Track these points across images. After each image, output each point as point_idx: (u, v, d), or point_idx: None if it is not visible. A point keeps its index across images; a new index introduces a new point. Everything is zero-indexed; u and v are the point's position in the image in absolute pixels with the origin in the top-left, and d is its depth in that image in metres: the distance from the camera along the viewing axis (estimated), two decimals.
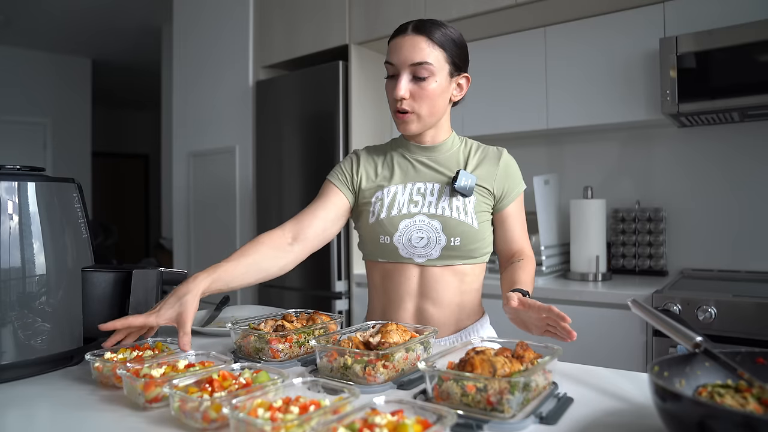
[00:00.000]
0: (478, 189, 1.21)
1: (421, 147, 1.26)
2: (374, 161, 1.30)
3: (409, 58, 1.14)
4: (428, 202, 1.20)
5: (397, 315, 1.23)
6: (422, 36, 1.15)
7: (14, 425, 0.77)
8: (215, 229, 3.36)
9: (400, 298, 1.23)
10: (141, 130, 8.08)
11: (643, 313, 0.84)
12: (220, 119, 3.34)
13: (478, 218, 1.19)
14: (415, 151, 1.26)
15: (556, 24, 2.36)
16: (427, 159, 1.25)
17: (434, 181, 1.22)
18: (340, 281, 2.65)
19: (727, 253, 2.24)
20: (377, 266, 1.26)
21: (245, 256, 1.13)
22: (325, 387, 0.77)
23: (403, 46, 1.15)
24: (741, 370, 0.68)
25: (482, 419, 0.70)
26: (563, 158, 2.63)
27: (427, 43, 1.14)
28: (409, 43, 1.15)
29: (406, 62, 1.15)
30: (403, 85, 1.15)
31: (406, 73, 1.15)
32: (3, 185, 0.94)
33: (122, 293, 1.07)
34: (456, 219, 1.17)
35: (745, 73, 1.84)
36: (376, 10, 2.63)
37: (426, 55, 1.14)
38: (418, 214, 1.19)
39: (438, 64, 1.15)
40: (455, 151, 1.26)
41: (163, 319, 0.97)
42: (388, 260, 1.23)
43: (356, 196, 1.28)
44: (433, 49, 1.15)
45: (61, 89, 5.74)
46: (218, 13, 3.36)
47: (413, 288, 1.22)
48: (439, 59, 1.15)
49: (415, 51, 1.14)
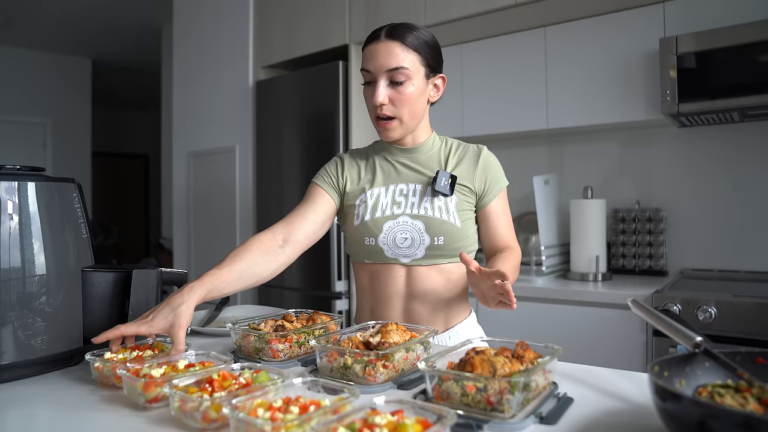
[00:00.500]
0: (458, 188, 1.22)
1: (402, 149, 1.28)
2: (357, 164, 1.31)
3: (385, 64, 1.16)
4: (411, 202, 1.22)
5: (386, 315, 1.25)
6: (396, 41, 1.16)
7: (14, 425, 0.77)
8: (215, 229, 3.36)
9: (387, 298, 1.24)
10: (141, 130, 8.08)
11: (643, 313, 0.84)
12: (220, 119, 3.34)
13: (460, 217, 1.21)
14: (397, 153, 1.28)
15: (556, 24, 2.36)
16: (408, 160, 1.27)
17: (416, 182, 1.24)
18: (340, 281, 2.65)
19: (727, 253, 2.24)
20: (364, 267, 1.28)
21: (237, 261, 1.13)
22: (325, 387, 0.77)
23: (378, 53, 1.17)
24: (741, 370, 0.68)
25: (482, 419, 0.70)
26: (563, 158, 2.63)
27: (401, 48, 1.16)
28: (383, 49, 1.16)
29: (382, 68, 1.16)
30: (381, 91, 1.16)
31: (383, 79, 1.17)
32: (3, 185, 0.94)
33: (122, 293, 1.07)
34: (438, 219, 1.19)
35: (745, 73, 1.84)
36: (376, 10, 2.63)
37: (401, 60, 1.15)
38: (402, 215, 1.21)
39: (413, 67, 1.17)
40: (436, 151, 1.27)
41: (155, 329, 0.95)
42: (374, 261, 1.24)
43: (342, 198, 1.29)
44: (408, 53, 1.16)
45: (61, 89, 5.74)
46: (218, 13, 3.36)
47: (400, 288, 1.23)
48: (414, 63, 1.17)
49: (390, 56, 1.15)
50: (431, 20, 2.43)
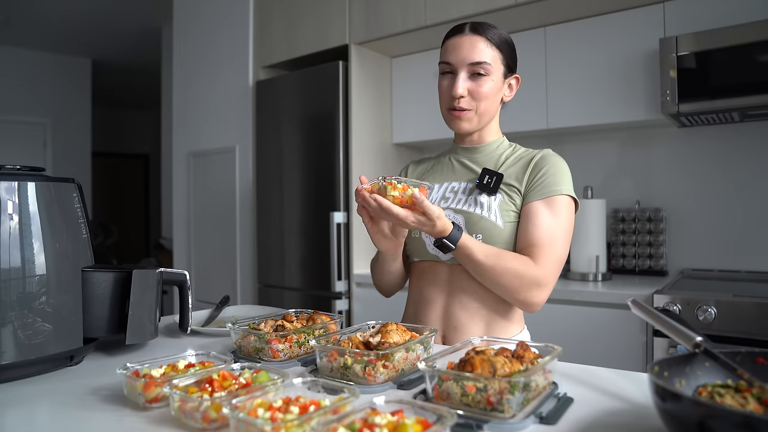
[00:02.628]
0: (506, 187, 1.18)
1: (466, 148, 1.28)
2: (422, 165, 1.36)
3: (468, 57, 1.16)
4: (458, 198, 1.21)
5: (426, 317, 1.22)
6: (480, 36, 1.17)
7: (14, 425, 0.77)
8: (215, 228, 3.36)
9: (430, 299, 1.22)
10: (141, 130, 8.08)
11: (643, 313, 0.84)
12: (220, 119, 3.34)
13: (503, 217, 1.15)
14: (460, 153, 1.29)
15: (556, 24, 2.36)
16: (468, 159, 1.27)
17: (469, 180, 1.23)
18: (340, 281, 2.65)
19: (727, 253, 2.24)
20: (414, 267, 1.29)
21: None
22: (325, 387, 0.77)
23: (461, 46, 1.17)
24: (741, 370, 0.68)
25: (482, 419, 0.70)
26: (563, 158, 2.62)
27: (486, 43, 1.17)
28: (467, 42, 1.17)
29: (464, 61, 1.17)
30: (462, 83, 1.17)
31: (463, 72, 1.17)
32: (3, 185, 0.94)
33: (122, 293, 1.07)
34: (478, 215, 1.16)
35: (745, 73, 1.84)
36: (376, 10, 2.63)
37: (484, 55, 1.16)
38: (446, 209, 1.20)
39: (495, 64, 1.18)
40: (498, 153, 1.26)
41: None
42: (420, 259, 1.25)
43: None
44: (491, 49, 1.17)
45: (62, 89, 5.74)
46: (218, 13, 3.36)
47: (442, 287, 1.21)
48: (495, 59, 1.18)
49: (474, 50, 1.16)
50: (431, 20, 2.43)
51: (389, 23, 2.58)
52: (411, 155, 3.07)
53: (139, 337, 1.08)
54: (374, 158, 2.82)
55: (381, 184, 1.04)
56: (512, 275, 1.09)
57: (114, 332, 1.06)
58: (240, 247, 3.18)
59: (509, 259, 1.11)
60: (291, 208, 2.89)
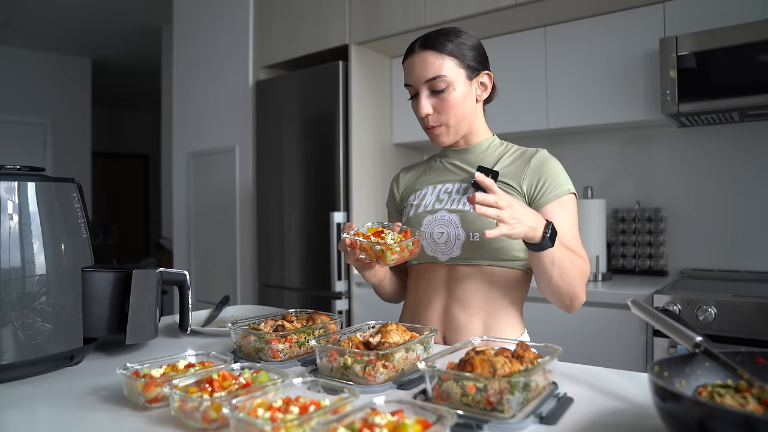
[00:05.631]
0: (503, 186, 1.17)
1: (456, 150, 1.28)
2: (412, 171, 1.37)
3: (422, 75, 1.16)
4: (452, 199, 1.21)
5: (425, 317, 1.22)
6: (429, 50, 1.16)
7: (14, 425, 0.77)
8: (215, 229, 3.36)
9: (428, 300, 1.22)
10: (141, 130, 8.08)
11: (643, 313, 0.84)
12: (220, 119, 3.34)
13: None
14: (450, 155, 1.29)
15: (556, 24, 2.36)
16: (460, 161, 1.27)
17: (462, 180, 1.23)
18: (340, 281, 2.65)
19: (727, 253, 2.24)
20: (412, 269, 1.29)
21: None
22: (325, 387, 0.77)
23: (414, 65, 1.17)
24: (741, 370, 0.68)
25: (482, 419, 0.70)
26: (563, 158, 2.62)
27: (436, 56, 1.15)
28: (419, 60, 1.16)
29: (420, 80, 1.17)
30: (424, 102, 1.17)
31: (424, 91, 1.17)
32: (3, 185, 0.94)
33: (122, 293, 1.07)
34: (474, 213, 1.14)
35: (745, 73, 1.84)
36: (376, 10, 2.63)
37: (438, 69, 1.15)
38: (441, 210, 1.20)
39: (452, 73, 1.15)
40: (490, 153, 1.25)
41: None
42: (418, 260, 1.25)
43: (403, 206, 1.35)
44: (444, 59, 1.15)
45: (61, 89, 5.74)
46: (218, 13, 3.36)
47: (441, 288, 1.20)
48: (451, 68, 1.16)
49: (426, 67, 1.15)
50: (431, 20, 2.43)
51: (389, 23, 2.58)
52: (411, 155, 3.08)
53: (139, 337, 1.08)
54: (374, 158, 2.82)
55: (377, 249, 1.06)
56: (578, 270, 1.10)
57: (114, 332, 1.06)
58: (240, 247, 3.18)
59: (574, 257, 1.10)
60: (291, 208, 2.89)
